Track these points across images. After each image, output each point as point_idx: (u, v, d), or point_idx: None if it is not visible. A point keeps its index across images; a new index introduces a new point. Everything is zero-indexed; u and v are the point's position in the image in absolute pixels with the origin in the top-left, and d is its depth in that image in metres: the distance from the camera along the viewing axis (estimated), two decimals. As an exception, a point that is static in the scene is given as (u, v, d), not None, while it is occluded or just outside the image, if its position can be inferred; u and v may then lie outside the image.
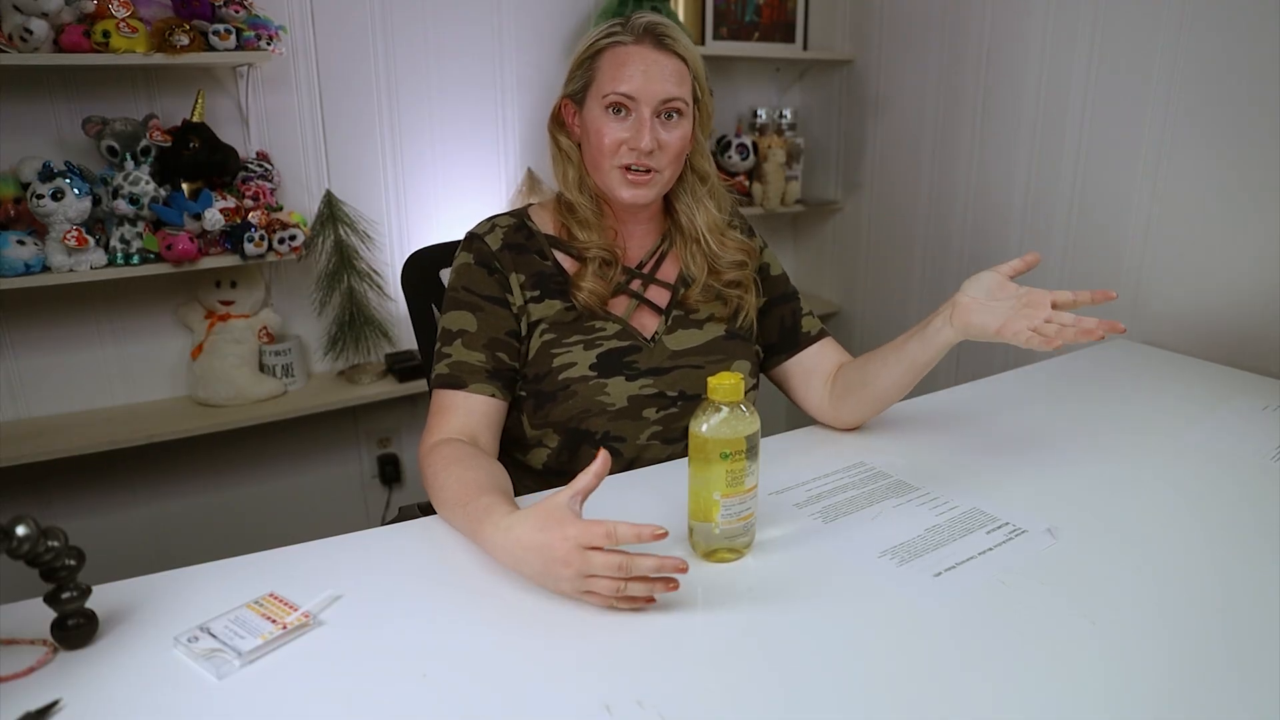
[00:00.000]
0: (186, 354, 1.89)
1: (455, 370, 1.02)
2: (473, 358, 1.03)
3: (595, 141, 1.04)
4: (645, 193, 1.05)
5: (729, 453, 0.80)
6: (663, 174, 1.05)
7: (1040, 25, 1.87)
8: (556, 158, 1.11)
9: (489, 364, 1.03)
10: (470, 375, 1.02)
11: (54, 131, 1.69)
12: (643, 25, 1.02)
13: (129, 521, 1.93)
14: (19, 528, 0.65)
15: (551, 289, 1.08)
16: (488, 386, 1.02)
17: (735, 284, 1.14)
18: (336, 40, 1.91)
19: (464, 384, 1.02)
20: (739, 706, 0.64)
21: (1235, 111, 1.53)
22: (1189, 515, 0.96)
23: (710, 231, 1.12)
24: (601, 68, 1.03)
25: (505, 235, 1.09)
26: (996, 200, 2.04)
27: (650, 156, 1.03)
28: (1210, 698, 0.66)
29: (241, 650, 0.69)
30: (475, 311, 1.05)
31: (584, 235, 1.08)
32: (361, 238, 1.98)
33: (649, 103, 1.01)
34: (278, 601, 0.76)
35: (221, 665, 0.68)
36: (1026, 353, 2.02)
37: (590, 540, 0.72)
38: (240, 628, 0.72)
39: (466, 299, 1.06)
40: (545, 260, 1.10)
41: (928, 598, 0.79)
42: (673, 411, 1.08)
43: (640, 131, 1.01)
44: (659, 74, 1.01)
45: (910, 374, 1.08)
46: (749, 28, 2.39)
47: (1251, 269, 1.53)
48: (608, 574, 0.72)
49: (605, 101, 1.02)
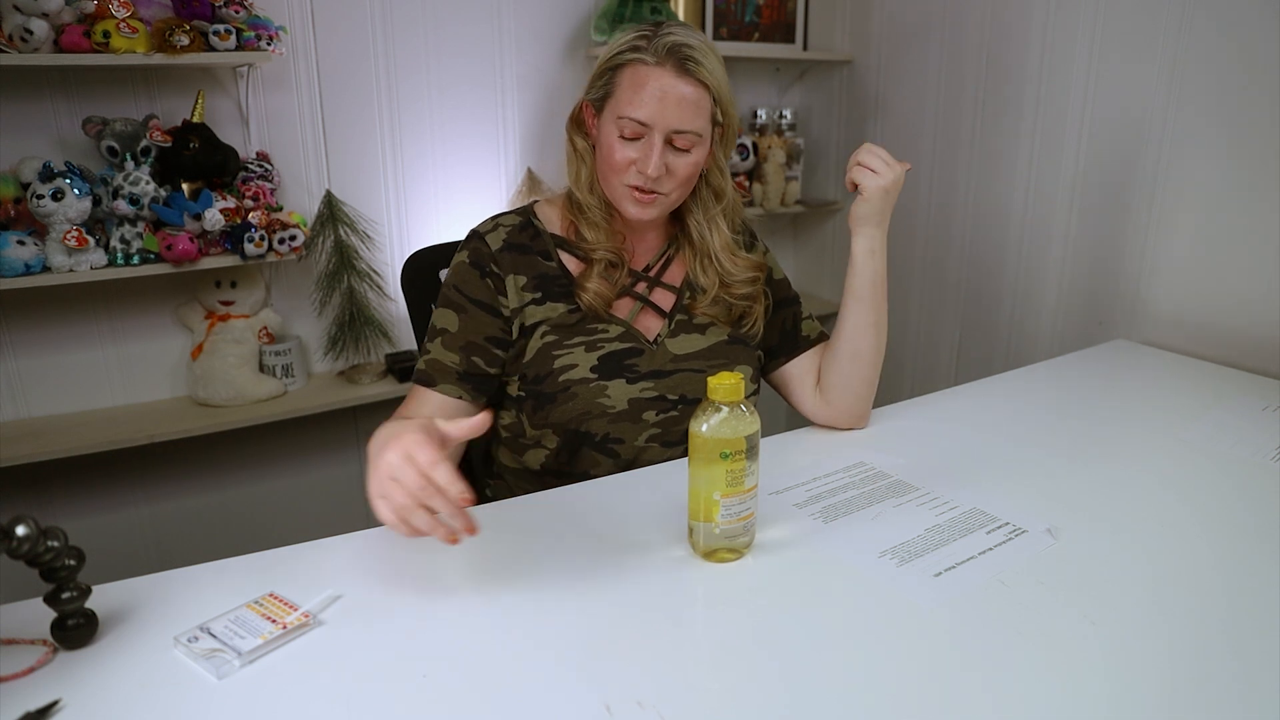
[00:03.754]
0: (186, 354, 1.89)
1: (429, 367, 1.05)
2: (447, 358, 1.05)
3: (605, 155, 1.04)
4: (649, 211, 1.05)
5: (729, 453, 0.80)
6: (669, 196, 1.05)
7: (1040, 25, 1.87)
8: (571, 157, 1.11)
9: (461, 366, 1.05)
10: (441, 375, 1.05)
11: (54, 131, 1.69)
12: (667, 46, 0.99)
13: (129, 521, 1.93)
14: (19, 528, 0.65)
15: (554, 291, 1.08)
16: (455, 388, 1.04)
17: (745, 296, 1.14)
18: (336, 40, 1.91)
19: (434, 382, 1.05)
20: (739, 706, 0.64)
21: (1235, 111, 1.53)
22: (1189, 515, 0.96)
23: (723, 250, 1.12)
24: (620, 84, 1.01)
25: (508, 235, 1.09)
26: (996, 200, 2.04)
27: (657, 181, 1.02)
28: (1210, 697, 0.66)
29: (241, 650, 0.69)
30: (459, 313, 1.06)
31: (592, 236, 1.09)
32: (361, 238, 1.98)
33: (661, 130, 1.00)
34: (278, 601, 0.76)
35: (221, 665, 0.68)
36: (1026, 353, 2.03)
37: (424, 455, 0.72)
38: (240, 628, 0.72)
39: (455, 298, 1.07)
40: (549, 261, 1.09)
41: (928, 598, 0.79)
42: (673, 415, 1.08)
43: (648, 157, 1.00)
44: (675, 103, 0.99)
45: (859, 310, 1.11)
46: (749, 28, 2.39)
47: (1251, 269, 1.53)
48: (408, 485, 0.72)
49: (620, 124, 1.01)
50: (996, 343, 2.10)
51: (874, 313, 1.11)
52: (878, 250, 1.10)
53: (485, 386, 1.07)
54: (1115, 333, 1.78)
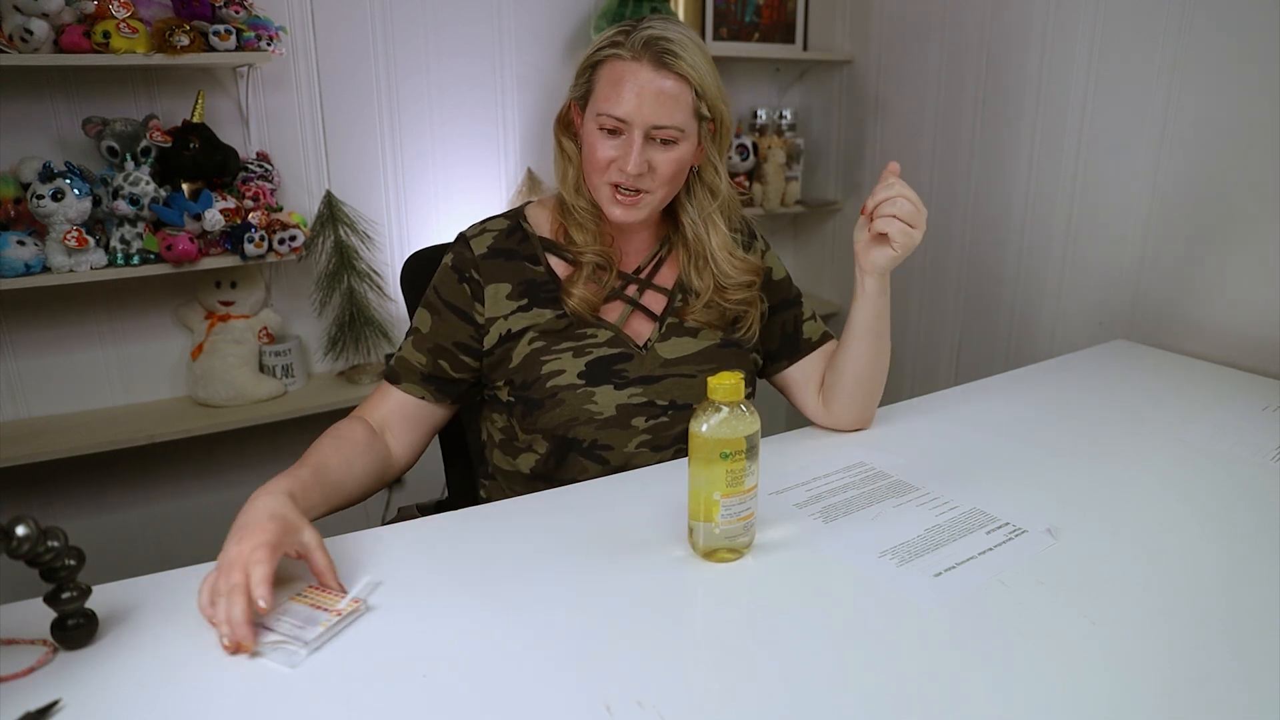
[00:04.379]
0: (186, 354, 1.89)
1: (397, 365, 1.08)
2: (415, 358, 1.07)
3: (588, 155, 1.02)
4: (633, 213, 1.03)
5: (729, 453, 0.80)
6: (654, 195, 1.02)
7: (1040, 25, 1.87)
8: (558, 158, 1.10)
9: (427, 368, 1.07)
10: (406, 373, 1.07)
11: (54, 132, 1.69)
12: (644, 39, 0.97)
13: (129, 521, 1.93)
14: (19, 528, 0.65)
15: (542, 297, 1.07)
16: (419, 388, 1.06)
17: (741, 301, 1.12)
18: (336, 40, 1.92)
19: (398, 379, 1.07)
20: (739, 706, 0.64)
21: (1235, 111, 1.53)
22: (1189, 515, 0.96)
23: (720, 250, 1.09)
24: (599, 81, 1.00)
25: (494, 241, 1.08)
26: (996, 200, 2.04)
27: (639, 179, 1.00)
28: (1210, 697, 0.66)
29: (307, 639, 0.70)
30: (434, 315, 1.07)
31: (580, 238, 1.07)
32: (361, 238, 1.98)
33: (640, 126, 0.98)
34: (319, 592, 0.77)
35: (291, 656, 0.69)
36: (1026, 353, 2.03)
37: (258, 572, 0.71)
38: (296, 619, 0.73)
39: (432, 300, 1.08)
40: (537, 266, 1.08)
41: (927, 598, 0.79)
42: (663, 420, 1.07)
43: (628, 154, 0.98)
44: (653, 98, 0.97)
45: (865, 341, 1.08)
46: (749, 28, 2.39)
47: (1251, 269, 1.53)
48: (220, 576, 0.71)
49: (599, 120, 0.99)
50: (996, 343, 2.10)
51: (879, 342, 1.09)
52: (887, 289, 1.06)
53: (449, 390, 1.08)
54: (1115, 333, 1.78)
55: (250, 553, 0.72)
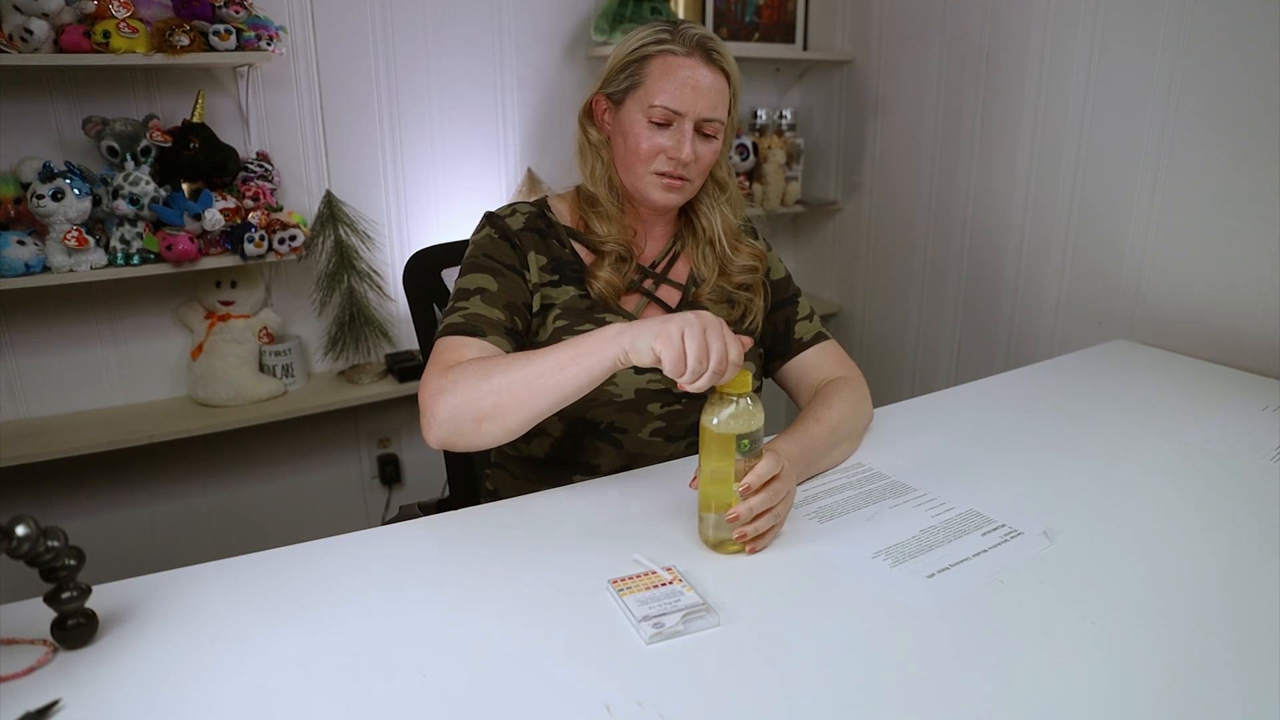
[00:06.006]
0: (186, 354, 1.89)
1: (472, 320, 0.99)
2: (491, 313, 1.01)
3: (632, 145, 1.05)
4: (677, 197, 1.08)
5: (745, 442, 0.82)
6: (693, 183, 1.09)
7: (1040, 25, 1.87)
8: (585, 150, 1.12)
9: (507, 322, 1.01)
10: (490, 327, 0.99)
11: (54, 131, 1.69)
12: (695, 38, 1.04)
13: (129, 521, 1.93)
14: (19, 528, 0.65)
15: (569, 275, 1.09)
16: (505, 342, 0.99)
17: (744, 287, 1.15)
18: (336, 40, 1.92)
19: (482, 334, 0.98)
20: (737, 706, 0.65)
21: (1235, 111, 1.53)
22: (1189, 515, 0.96)
23: (725, 235, 1.14)
24: (650, 74, 1.04)
25: (527, 220, 1.11)
26: (996, 200, 2.04)
27: (686, 167, 1.05)
28: (1210, 697, 0.66)
29: (682, 608, 0.75)
30: (496, 276, 1.04)
31: (603, 229, 1.10)
32: (361, 238, 1.98)
33: (692, 117, 1.03)
34: (649, 575, 0.81)
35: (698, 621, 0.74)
36: (1026, 353, 2.03)
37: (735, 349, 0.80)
38: (656, 602, 0.76)
39: (487, 264, 1.05)
40: (564, 248, 1.11)
41: (919, 599, 0.79)
42: (676, 408, 1.09)
43: (681, 143, 1.03)
44: (706, 91, 1.03)
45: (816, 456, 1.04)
46: (749, 28, 2.39)
47: (1251, 269, 1.53)
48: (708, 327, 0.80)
49: (651, 112, 1.03)
50: (996, 343, 2.10)
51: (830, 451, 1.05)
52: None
53: (519, 347, 1.03)
54: (1115, 333, 1.78)
55: (730, 339, 0.80)
